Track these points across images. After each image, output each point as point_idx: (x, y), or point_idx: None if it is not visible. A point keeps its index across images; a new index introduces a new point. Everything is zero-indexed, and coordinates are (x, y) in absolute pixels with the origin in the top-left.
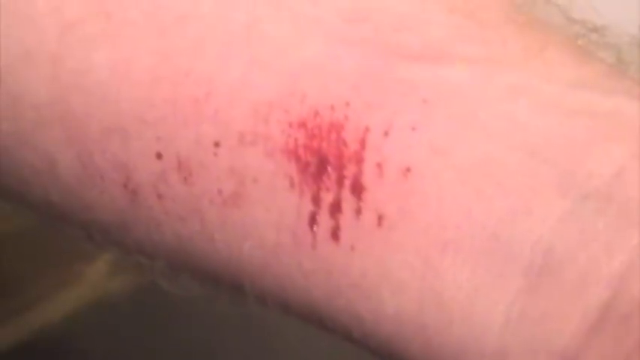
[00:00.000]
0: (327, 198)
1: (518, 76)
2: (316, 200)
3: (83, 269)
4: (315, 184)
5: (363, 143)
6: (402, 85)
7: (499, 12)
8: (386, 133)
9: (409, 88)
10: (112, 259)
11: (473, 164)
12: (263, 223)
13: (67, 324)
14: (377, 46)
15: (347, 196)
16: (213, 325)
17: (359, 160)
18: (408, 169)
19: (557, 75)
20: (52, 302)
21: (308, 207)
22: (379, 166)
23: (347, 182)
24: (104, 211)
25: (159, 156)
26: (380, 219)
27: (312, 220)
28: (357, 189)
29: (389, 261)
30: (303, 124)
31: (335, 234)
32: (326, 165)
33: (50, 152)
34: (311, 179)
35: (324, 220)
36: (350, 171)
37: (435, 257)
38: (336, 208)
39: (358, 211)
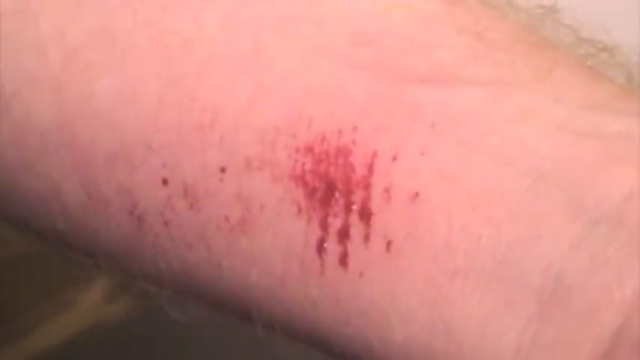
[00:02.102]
0: (335, 224)
1: (528, 98)
2: (324, 226)
3: (77, 296)
4: (323, 210)
5: (371, 168)
6: (411, 109)
7: (508, 33)
8: (394, 158)
9: (417, 112)
10: (106, 286)
11: (482, 189)
12: (270, 250)
13: (61, 352)
14: (384, 69)
15: (355, 221)
16: (209, 352)
17: (367, 186)
18: (417, 195)
19: (566, 96)
20: (45, 330)
21: (316, 233)
22: (387, 191)
23: (355, 208)
24: (110, 238)
25: (165, 182)
26: (388, 245)
27: (320, 247)
28: (366, 214)
29: (398, 288)
30: (310, 150)
31: (343, 260)
32: (334, 190)
33: (55, 179)
34: (318, 205)
35: (332, 246)
36: (358, 196)
37: (444, 284)
38: (344, 234)
39: (366, 237)
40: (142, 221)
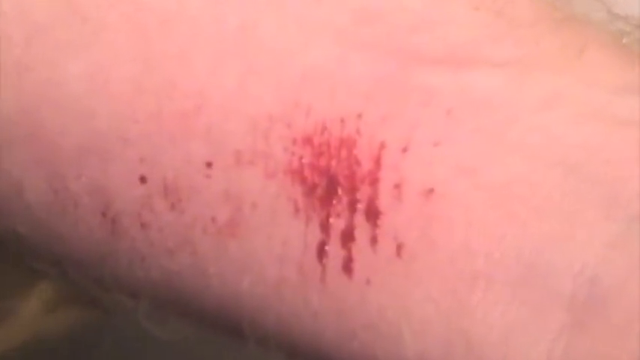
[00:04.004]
0: (338, 225)
1: (555, 81)
2: (325, 228)
3: (15, 306)
4: (324, 209)
5: (378, 161)
6: (422, 93)
7: (532, 8)
8: (404, 150)
9: (430, 98)
10: (47, 295)
11: (505, 184)
12: (264, 255)
13: None
14: (392, 49)
15: (361, 222)
16: None
17: (374, 181)
18: (431, 191)
19: (599, 80)
20: None
21: (316, 235)
22: (397, 187)
23: (360, 206)
24: (79, 244)
25: (143, 179)
26: (399, 248)
27: (321, 251)
28: (372, 214)
29: (410, 297)
30: (308, 141)
31: (347, 266)
32: (336, 187)
33: (16, 175)
34: (319, 203)
35: (335, 250)
36: (364, 193)
37: (463, 291)
38: (348, 237)
39: (374, 240)
40: (116, 224)
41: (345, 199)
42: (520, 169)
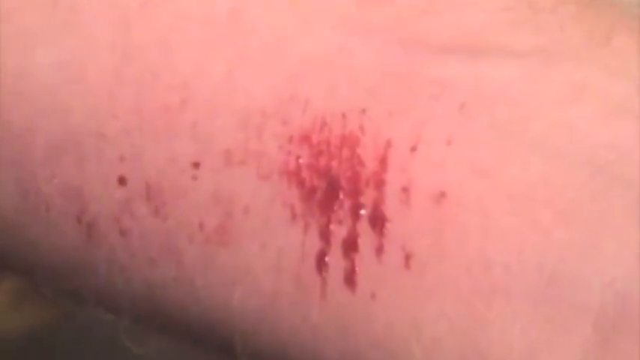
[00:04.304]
0: (340, 232)
1: (581, 72)
2: (325, 235)
3: None
4: (324, 215)
5: (384, 161)
6: (433, 86)
7: None
8: (413, 149)
9: (442, 90)
10: (11, 293)
11: (525, 187)
12: (257, 266)
13: None
14: (400, 36)
15: (365, 229)
16: None
17: (379, 184)
18: (443, 195)
19: (629, 70)
20: None
21: (315, 244)
22: (405, 190)
23: (364, 212)
24: (51, 252)
25: (122, 181)
26: (407, 258)
27: (321, 261)
28: (378, 220)
29: (420, 312)
30: (306, 138)
31: (350, 279)
32: (337, 190)
33: None
34: (318, 208)
35: (336, 260)
36: (368, 197)
37: (479, 306)
38: (350, 246)
39: (379, 249)
40: (92, 230)
41: (347, 204)
42: (542, 169)
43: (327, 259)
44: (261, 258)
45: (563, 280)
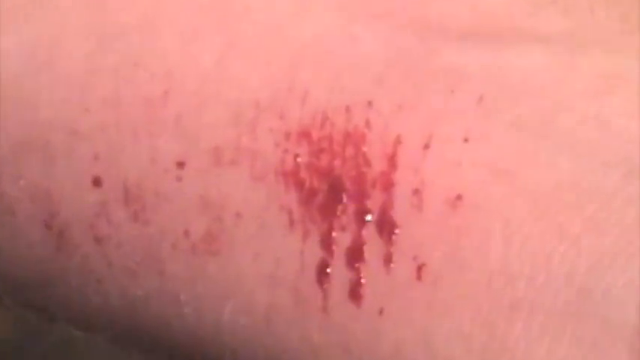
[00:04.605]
0: (343, 240)
1: (613, 60)
2: (327, 244)
3: None
4: (326, 221)
5: (392, 161)
6: (448, 76)
7: None
8: (426, 146)
9: (457, 81)
10: None
11: (551, 190)
12: (251, 277)
13: None
14: (410, 20)
15: (371, 237)
16: None
17: (388, 185)
18: (459, 198)
19: None
20: None
21: (315, 253)
22: (417, 193)
23: (371, 217)
24: (17, 262)
25: (97, 182)
26: (419, 270)
27: (322, 273)
28: (386, 227)
29: (434, 330)
30: (305, 135)
31: (355, 292)
32: (340, 192)
33: None
34: (319, 213)
35: (340, 272)
36: (375, 201)
37: (500, 323)
38: (355, 255)
39: (388, 259)
40: (64, 237)
41: (351, 208)
42: (570, 170)
43: (329, 269)
44: (255, 269)
45: (595, 294)
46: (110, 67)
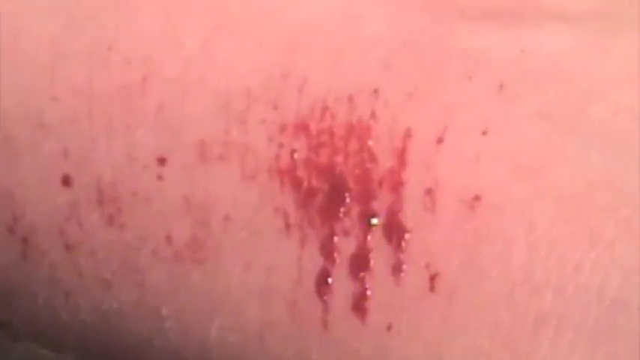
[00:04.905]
0: (346, 247)
1: None
2: (328, 250)
3: None
4: (326, 225)
5: (402, 157)
6: (465, 60)
7: None
8: (439, 140)
9: (475, 67)
10: None
11: (581, 190)
12: (241, 289)
13: None
14: None
15: (378, 243)
16: None
17: (396, 185)
18: (477, 199)
19: None
20: None
21: (315, 262)
22: (430, 193)
23: (377, 221)
24: None
25: (66, 181)
26: (432, 280)
27: (322, 283)
28: (395, 231)
29: (449, 347)
30: (303, 127)
31: (360, 305)
32: (343, 193)
33: None
34: (319, 216)
35: (342, 282)
36: (382, 202)
37: (523, 341)
38: (360, 264)
39: (397, 268)
40: (29, 243)
41: (355, 211)
42: (602, 167)
43: (330, 280)
44: (246, 279)
45: (630, 307)
46: (81, 50)
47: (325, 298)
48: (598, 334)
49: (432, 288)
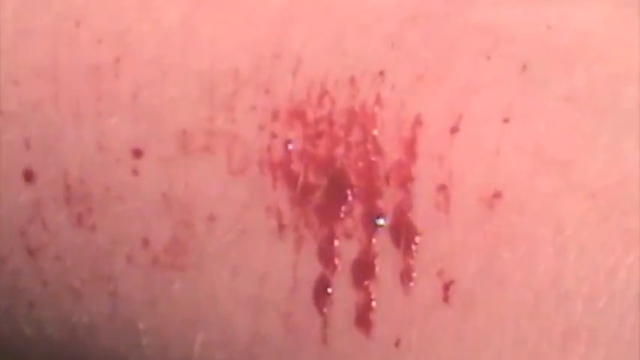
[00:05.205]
0: (348, 251)
1: None
2: (327, 255)
3: None
4: (325, 226)
5: (411, 148)
6: (483, 38)
7: None
8: (454, 129)
9: (495, 43)
10: None
11: (615, 184)
12: (228, 300)
13: None
14: None
15: (385, 246)
16: None
17: (405, 180)
18: (497, 195)
19: None
20: None
21: (312, 268)
22: (443, 189)
23: (384, 222)
24: None
25: (29, 176)
26: (447, 289)
27: (321, 293)
28: (404, 234)
29: None
30: (298, 115)
31: (364, 318)
32: (344, 189)
33: None
34: (317, 216)
35: (344, 291)
36: (389, 200)
37: (551, 356)
38: (364, 270)
39: (406, 275)
40: None
41: (358, 210)
42: (639, 158)
43: (330, 289)
44: (234, 288)
45: None
46: (45, 27)
47: (324, 309)
48: (635, 349)
49: (445, 298)
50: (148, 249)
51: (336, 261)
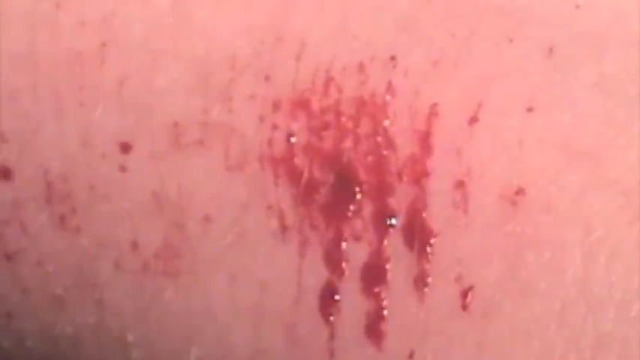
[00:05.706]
0: (357, 255)
1: None
2: (334, 259)
3: None
4: (332, 227)
5: (426, 141)
6: (505, 19)
7: None
8: (473, 120)
9: (518, 26)
10: None
11: None
12: (225, 309)
13: None
14: None
15: (397, 249)
16: None
17: (419, 176)
18: (520, 192)
19: None
20: None
21: (318, 273)
22: (461, 186)
23: (396, 222)
24: None
25: (5, 174)
26: (465, 296)
27: (328, 300)
28: (418, 235)
29: None
30: (302, 104)
31: (374, 328)
32: (352, 186)
33: None
34: (322, 216)
35: (352, 299)
36: (402, 198)
37: None
38: (375, 276)
39: (420, 281)
40: None
41: (368, 209)
42: None
43: (337, 297)
44: (232, 296)
45: None
46: (23, 10)
47: (331, 319)
48: None
49: (464, 306)
50: (137, 253)
51: (344, 265)
